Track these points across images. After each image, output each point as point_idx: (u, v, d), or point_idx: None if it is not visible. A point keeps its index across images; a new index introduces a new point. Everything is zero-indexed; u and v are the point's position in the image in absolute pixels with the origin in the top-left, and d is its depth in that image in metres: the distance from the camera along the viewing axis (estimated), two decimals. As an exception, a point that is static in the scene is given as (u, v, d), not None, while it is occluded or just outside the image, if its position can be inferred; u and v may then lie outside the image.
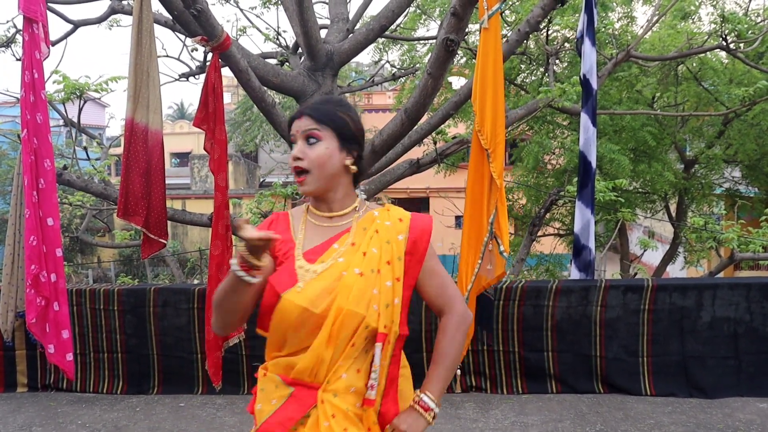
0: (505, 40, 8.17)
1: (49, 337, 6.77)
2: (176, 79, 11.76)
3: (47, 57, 6.66)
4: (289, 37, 12.02)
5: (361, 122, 3.17)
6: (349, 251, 2.98)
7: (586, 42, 8.06)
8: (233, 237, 7.09)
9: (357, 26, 10.54)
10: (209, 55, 6.69)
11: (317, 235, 3.07)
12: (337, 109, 3.06)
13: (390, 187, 9.90)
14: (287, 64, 11.27)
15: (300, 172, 2.99)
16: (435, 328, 7.44)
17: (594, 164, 8.16)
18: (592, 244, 8.14)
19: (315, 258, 2.99)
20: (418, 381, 3.06)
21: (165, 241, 6.99)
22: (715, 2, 15.33)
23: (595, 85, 8.20)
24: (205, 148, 6.63)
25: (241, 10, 12.67)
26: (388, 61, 15.91)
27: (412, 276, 3.04)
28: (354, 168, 3.06)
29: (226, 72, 7.33)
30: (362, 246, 2.98)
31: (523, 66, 16.11)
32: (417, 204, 42.92)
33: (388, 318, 2.90)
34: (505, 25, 12.72)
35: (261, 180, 45.68)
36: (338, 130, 3.01)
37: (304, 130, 2.98)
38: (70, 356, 6.87)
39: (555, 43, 12.86)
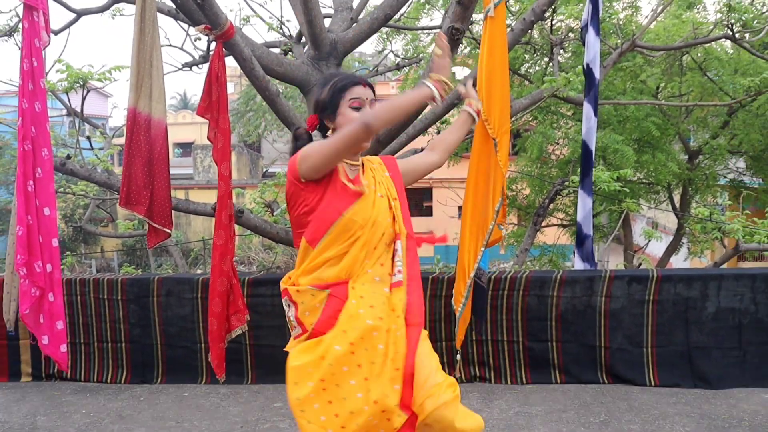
0: (509, 29, 8.15)
1: (43, 328, 6.74)
2: (179, 69, 11.74)
3: (47, 45, 6.64)
4: (293, 27, 11.96)
5: None
6: (371, 181, 4.08)
7: (590, 31, 8.04)
8: (236, 226, 7.09)
9: (361, 15, 10.50)
10: (213, 44, 6.70)
11: (352, 173, 4.06)
12: None
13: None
14: (291, 53, 11.24)
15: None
16: (438, 318, 7.46)
17: (593, 153, 8.15)
18: (591, 233, 8.15)
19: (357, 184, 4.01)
20: None
21: (170, 231, 6.97)
22: (720, -9, 15.32)
23: (598, 75, 8.19)
24: (208, 138, 6.61)
25: (245, -1, 12.64)
26: (391, 51, 15.84)
27: (401, 191, 4.21)
28: None
29: (229, 62, 7.33)
30: (376, 179, 4.13)
31: (527, 56, 16.09)
32: (420, 194, 42.93)
33: (398, 225, 4.05)
34: (510, 14, 12.71)
35: (264, 170, 45.80)
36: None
37: (371, 98, 3.99)
38: (64, 347, 6.84)
39: (559, 32, 12.88)
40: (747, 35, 11.50)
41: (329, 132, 4.11)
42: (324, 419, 3.72)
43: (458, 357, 7.14)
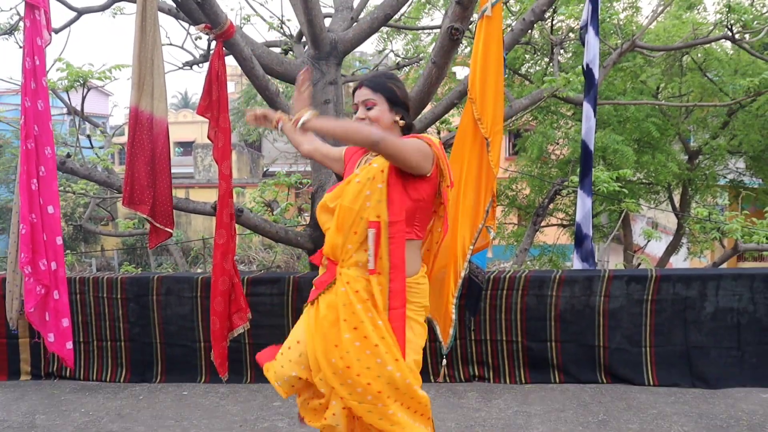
0: (509, 29, 8.17)
1: (49, 326, 6.75)
2: (180, 68, 11.75)
3: (49, 44, 6.64)
4: (293, 26, 11.97)
5: (406, 89, 4.44)
6: (364, 169, 4.20)
7: (590, 31, 8.05)
8: (237, 226, 7.09)
9: (361, 15, 10.51)
10: (213, 44, 6.70)
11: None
12: (386, 81, 4.32)
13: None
14: (291, 52, 11.26)
15: None
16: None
17: (593, 154, 8.16)
18: (590, 232, 8.16)
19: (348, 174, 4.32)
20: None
21: (171, 230, 6.97)
22: (720, -8, 15.33)
23: (597, 75, 8.20)
24: (208, 137, 6.62)
25: (245, -2, 12.67)
26: (392, 51, 15.88)
27: (394, 176, 4.08)
28: (402, 122, 4.31)
29: (229, 61, 7.34)
30: (371, 162, 4.21)
31: (527, 56, 16.12)
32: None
33: (380, 210, 4.06)
34: (510, 14, 12.71)
35: (264, 169, 45.66)
36: (387, 96, 4.25)
37: (363, 99, 4.24)
38: (69, 345, 6.85)
39: (559, 32, 12.87)
40: (747, 36, 11.51)
41: None
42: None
43: (443, 362, 7.01)
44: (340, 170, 4.56)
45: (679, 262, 22.77)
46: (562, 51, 14.59)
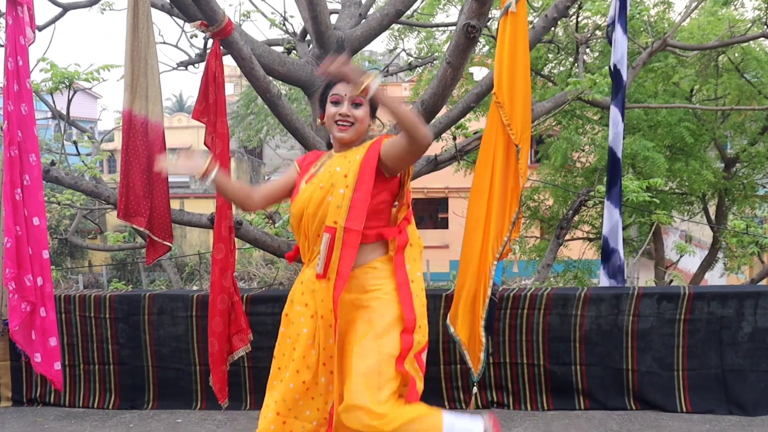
0: (531, 26, 8.17)
1: (36, 346, 6.78)
2: (174, 68, 11.77)
3: (32, 42, 6.67)
4: (297, 23, 11.99)
5: None
6: (325, 173, 4.55)
7: (618, 29, 8.04)
8: (236, 239, 7.10)
9: (370, 11, 10.52)
10: (209, 42, 6.70)
11: (315, 167, 4.69)
12: None
13: (405, 186, 9.88)
14: (294, 52, 11.28)
15: (346, 123, 4.51)
16: (452, 339, 7.46)
17: (621, 161, 8.15)
18: (620, 248, 8.15)
19: (309, 180, 4.65)
20: (437, 395, 3.67)
21: (170, 244, 7.00)
22: (759, -13, 15.30)
23: (625, 76, 8.19)
24: (205, 143, 6.61)
25: (245, -7, 12.70)
26: (404, 50, 15.90)
27: (366, 180, 4.39)
28: (373, 127, 4.68)
29: (228, 61, 7.34)
30: (334, 166, 4.54)
31: (550, 55, 16.12)
32: (435, 204, 42.95)
33: (338, 216, 4.38)
34: (532, 10, 12.72)
35: (266, 178, 45.75)
36: (370, 101, 4.48)
37: (350, 95, 4.43)
38: (58, 365, 6.88)
39: (585, 30, 12.88)
40: (788, 33, 11.50)
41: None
42: (276, 383, 4.89)
43: (474, 390, 7.08)
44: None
45: (714, 278, 22.72)
46: (587, 50, 14.59)
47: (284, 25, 12.44)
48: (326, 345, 4.52)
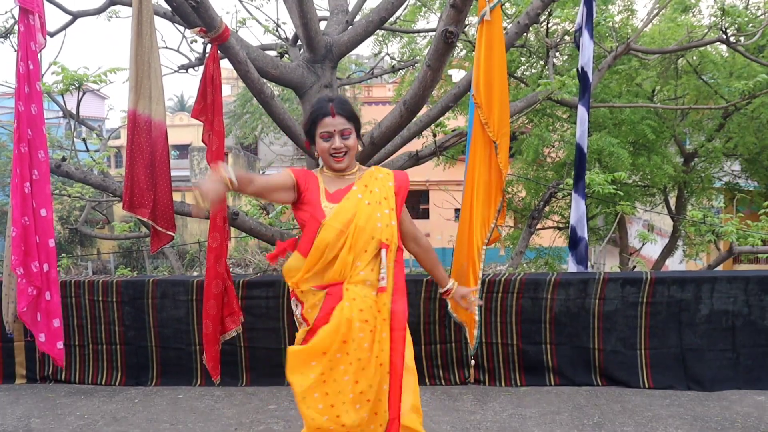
0: (504, 32, 8.16)
1: (40, 326, 6.77)
2: (176, 71, 11.75)
3: (43, 48, 6.64)
4: (289, 29, 12.00)
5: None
6: (361, 190, 4.47)
7: (585, 34, 8.04)
8: (232, 229, 7.08)
9: (357, 18, 10.52)
10: (208, 47, 6.69)
11: (334, 186, 4.53)
12: (352, 108, 4.54)
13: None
14: (286, 55, 11.26)
15: (340, 154, 4.45)
16: (432, 321, 7.47)
17: (587, 156, 8.18)
18: (585, 235, 8.17)
19: (339, 198, 4.45)
20: (418, 374, 3.86)
21: (173, 234, 6.98)
22: (715, -5, 15.31)
23: (592, 78, 8.20)
24: (203, 140, 6.63)
25: (241, 1, 12.64)
26: (387, 54, 15.89)
27: (398, 209, 4.57)
28: (360, 148, 4.61)
29: (225, 64, 7.33)
30: (369, 188, 4.51)
31: (522, 59, 16.10)
32: (417, 196, 42.97)
33: (389, 233, 4.43)
34: (505, 17, 12.71)
35: (261, 172, 45.67)
36: (356, 125, 4.51)
37: (340, 129, 4.42)
38: (60, 344, 6.86)
39: (555, 35, 12.88)
40: (742, 39, 11.50)
41: (316, 153, 4.63)
42: (321, 407, 4.29)
43: (472, 362, 7.14)
44: (288, 199, 4.56)
45: (674, 264, 22.75)
46: (557, 54, 14.60)
47: (277, 31, 12.44)
48: (379, 353, 4.43)
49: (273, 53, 11.04)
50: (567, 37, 12.64)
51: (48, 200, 6.68)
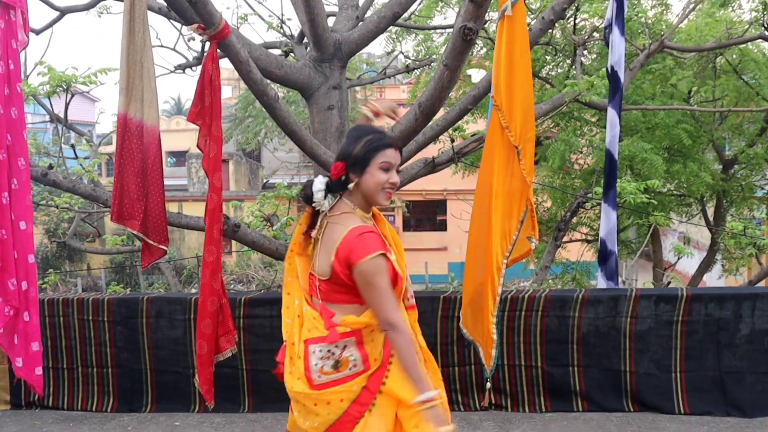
0: (528, 28, 8.16)
1: (18, 350, 6.71)
2: (172, 71, 11.76)
3: (26, 46, 6.63)
4: (294, 26, 12.05)
5: None
6: (393, 245, 4.55)
7: (615, 31, 8.04)
8: (234, 242, 7.07)
9: (367, 14, 10.51)
10: (207, 45, 6.68)
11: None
12: None
13: (403, 188, 9.82)
14: (292, 54, 11.27)
15: (394, 190, 4.35)
16: (450, 341, 7.46)
17: (617, 163, 8.15)
18: (616, 249, 8.15)
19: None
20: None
21: (166, 248, 6.97)
22: (756, -12, 15.27)
23: (623, 78, 8.18)
24: (198, 146, 6.60)
25: (242, -4, 12.69)
26: (401, 52, 15.88)
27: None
28: None
29: (225, 63, 7.33)
30: (396, 238, 4.73)
31: (548, 57, 16.09)
32: (433, 206, 42.92)
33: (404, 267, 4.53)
34: (529, 12, 12.71)
35: (264, 181, 45.74)
36: None
37: (396, 163, 4.34)
38: (39, 370, 6.83)
39: (582, 32, 12.86)
40: (785, 35, 11.49)
41: (351, 184, 4.38)
42: None
43: (488, 385, 7.12)
44: None
45: (712, 280, 22.71)
46: (585, 52, 14.60)
47: (281, 27, 12.44)
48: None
49: (277, 52, 11.07)
50: (596, 34, 12.65)
51: (28, 212, 6.65)
